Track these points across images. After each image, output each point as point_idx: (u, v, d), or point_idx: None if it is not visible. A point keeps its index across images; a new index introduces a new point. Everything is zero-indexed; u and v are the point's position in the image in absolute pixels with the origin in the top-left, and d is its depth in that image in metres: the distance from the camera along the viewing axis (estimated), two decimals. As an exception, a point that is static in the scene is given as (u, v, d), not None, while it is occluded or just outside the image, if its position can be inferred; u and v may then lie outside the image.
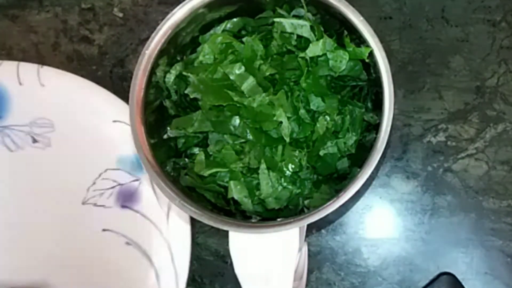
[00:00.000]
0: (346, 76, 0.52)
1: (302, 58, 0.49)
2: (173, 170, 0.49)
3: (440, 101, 0.59)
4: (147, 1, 0.63)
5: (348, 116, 0.50)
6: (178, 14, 0.48)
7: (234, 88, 0.49)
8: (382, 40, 0.46)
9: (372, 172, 0.44)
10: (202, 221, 0.47)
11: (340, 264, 0.58)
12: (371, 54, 0.46)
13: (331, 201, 0.44)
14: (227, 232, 0.47)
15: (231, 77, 0.49)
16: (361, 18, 0.46)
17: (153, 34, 0.48)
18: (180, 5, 0.48)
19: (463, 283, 0.55)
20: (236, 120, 0.49)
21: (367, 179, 0.44)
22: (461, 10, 0.60)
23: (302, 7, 0.50)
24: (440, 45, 0.60)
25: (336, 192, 0.49)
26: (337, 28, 0.50)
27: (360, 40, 0.47)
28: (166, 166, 0.48)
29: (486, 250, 0.57)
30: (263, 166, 0.49)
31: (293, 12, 0.51)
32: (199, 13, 0.49)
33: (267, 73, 0.49)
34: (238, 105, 0.48)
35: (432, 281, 0.56)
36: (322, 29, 0.50)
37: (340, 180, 0.51)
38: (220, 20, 0.52)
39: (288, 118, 0.49)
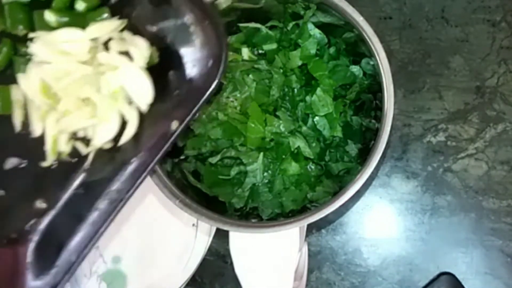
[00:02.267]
0: (345, 85, 0.52)
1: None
2: (172, 170, 0.50)
3: (440, 101, 0.59)
4: (147, 1, 0.63)
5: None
6: (178, 14, 0.48)
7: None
8: (382, 40, 0.46)
9: (372, 172, 0.44)
10: (202, 221, 0.47)
11: (340, 264, 0.58)
12: (371, 55, 0.47)
13: (331, 201, 0.44)
14: (227, 232, 0.47)
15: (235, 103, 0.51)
16: (361, 18, 0.46)
17: None
18: (180, 5, 0.48)
19: (463, 283, 0.56)
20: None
21: (367, 179, 0.44)
22: (461, 10, 0.60)
23: (303, 17, 0.50)
24: (440, 45, 0.60)
25: (339, 187, 0.50)
26: (342, 35, 0.51)
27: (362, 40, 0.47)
28: (166, 165, 0.49)
29: (486, 250, 0.57)
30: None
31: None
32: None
33: (275, 96, 0.51)
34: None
35: (432, 281, 0.56)
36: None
37: (343, 177, 0.52)
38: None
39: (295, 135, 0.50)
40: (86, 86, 0.42)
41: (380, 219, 0.59)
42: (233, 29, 0.53)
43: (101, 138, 0.43)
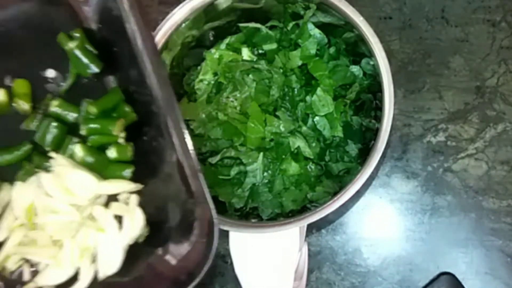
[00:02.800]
0: (345, 85, 0.52)
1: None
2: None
3: (440, 101, 0.59)
4: (147, 1, 0.63)
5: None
6: (178, 14, 0.48)
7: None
8: (382, 40, 0.46)
9: (372, 172, 0.44)
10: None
11: (340, 264, 0.58)
12: (371, 54, 0.47)
13: (331, 201, 0.44)
14: (227, 232, 0.47)
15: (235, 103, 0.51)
16: (361, 18, 0.46)
17: (153, 34, 0.48)
18: (180, 5, 0.48)
19: (463, 283, 0.55)
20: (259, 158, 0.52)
21: (367, 179, 0.44)
22: (461, 10, 0.60)
23: (303, 17, 0.50)
24: (440, 45, 0.60)
25: (339, 187, 0.49)
26: (342, 35, 0.51)
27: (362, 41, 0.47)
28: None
29: (486, 250, 0.57)
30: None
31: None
32: (198, 19, 0.49)
33: (275, 96, 0.51)
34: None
35: (432, 281, 0.56)
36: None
37: (343, 177, 0.52)
38: (220, 30, 0.53)
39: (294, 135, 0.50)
40: (64, 230, 0.41)
41: (380, 219, 0.59)
42: (233, 29, 0.53)
43: (47, 279, 0.42)
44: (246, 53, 0.53)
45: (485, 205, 0.57)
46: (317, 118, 0.51)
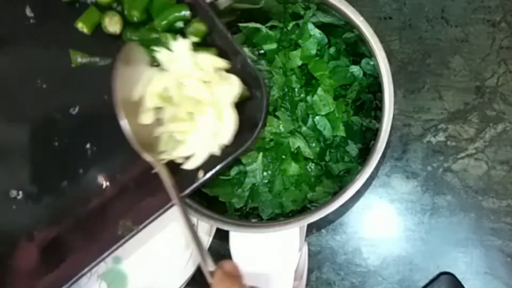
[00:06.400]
0: (345, 85, 0.52)
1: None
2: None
3: (440, 101, 0.59)
4: (147, 1, 0.63)
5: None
6: (178, 14, 0.48)
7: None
8: (382, 40, 0.46)
9: (372, 172, 0.44)
10: (202, 221, 0.47)
11: (340, 263, 0.58)
12: (371, 54, 0.47)
13: (331, 201, 0.44)
14: (227, 232, 0.47)
15: None
16: (361, 18, 0.46)
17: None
18: (181, 5, 0.48)
19: (463, 283, 0.56)
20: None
21: (367, 179, 0.44)
22: (461, 10, 0.60)
23: (303, 17, 0.50)
24: (440, 45, 0.60)
25: (339, 187, 0.49)
26: (342, 35, 0.51)
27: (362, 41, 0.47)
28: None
29: (486, 250, 0.57)
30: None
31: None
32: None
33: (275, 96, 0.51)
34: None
35: (432, 281, 0.56)
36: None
37: (343, 177, 0.52)
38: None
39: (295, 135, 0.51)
40: (194, 105, 0.45)
41: (380, 219, 0.59)
42: (233, 29, 0.53)
43: (179, 152, 0.45)
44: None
45: (485, 205, 0.57)
46: (317, 118, 0.51)
